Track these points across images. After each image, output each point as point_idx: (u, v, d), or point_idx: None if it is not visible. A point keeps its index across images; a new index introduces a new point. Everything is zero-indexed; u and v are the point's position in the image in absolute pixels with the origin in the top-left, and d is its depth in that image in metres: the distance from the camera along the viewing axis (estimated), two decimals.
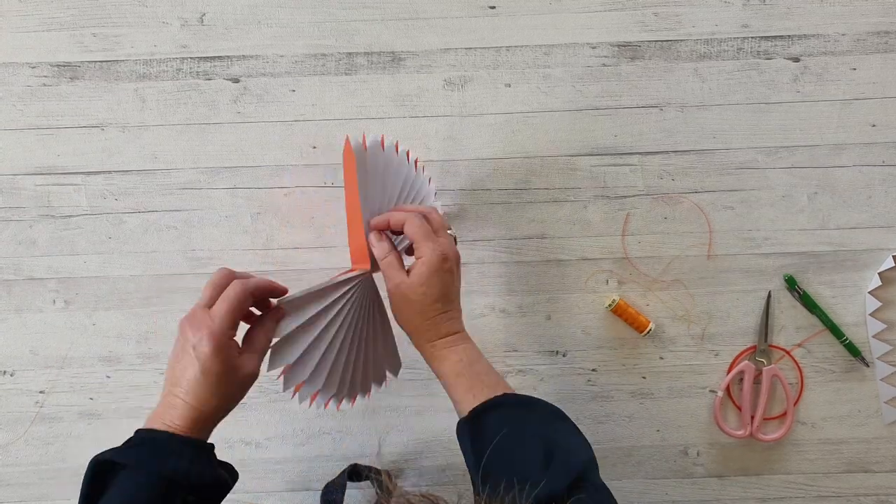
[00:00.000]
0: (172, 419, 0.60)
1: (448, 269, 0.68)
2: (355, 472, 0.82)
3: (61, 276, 0.85)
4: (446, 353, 0.69)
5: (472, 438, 0.66)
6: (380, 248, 0.69)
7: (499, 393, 0.67)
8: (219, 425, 0.63)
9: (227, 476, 0.63)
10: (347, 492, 0.81)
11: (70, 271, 0.85)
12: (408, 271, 0.68)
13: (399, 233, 0.69)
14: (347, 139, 0.65)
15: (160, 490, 0.57)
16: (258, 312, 0.66)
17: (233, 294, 0.61)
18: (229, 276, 0.63)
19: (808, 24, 0.83)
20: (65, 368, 0.86)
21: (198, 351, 0.59)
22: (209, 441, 0.63)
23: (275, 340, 0.65)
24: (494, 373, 0.71)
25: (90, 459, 0.59)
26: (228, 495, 0.89)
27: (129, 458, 0.58)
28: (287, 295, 0.66)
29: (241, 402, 0.80)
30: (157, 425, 0.60)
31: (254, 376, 0.63)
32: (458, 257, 0.70)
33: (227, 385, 0.61)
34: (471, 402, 0.66)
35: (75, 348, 0.86)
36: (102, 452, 0.59)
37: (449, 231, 0.70)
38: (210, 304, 0.61)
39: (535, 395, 0.68)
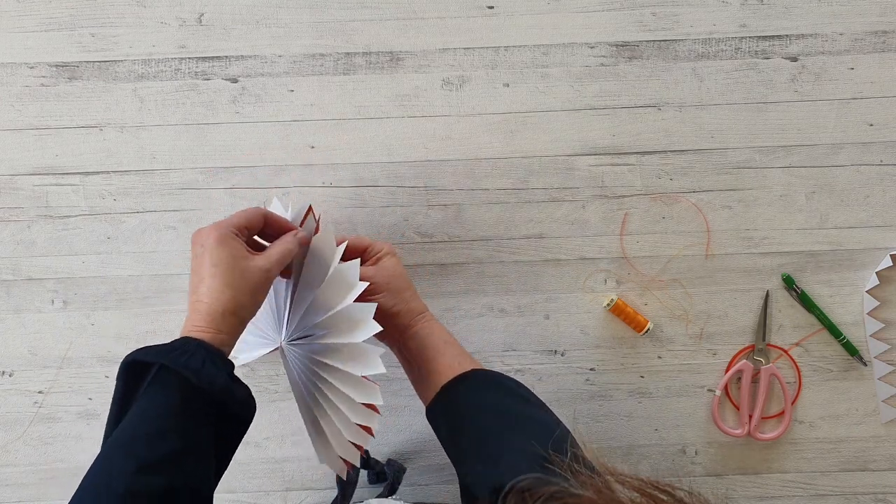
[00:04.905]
0: (193, 322, 0.61)
1: None
2: (365, 459, 0.83)
3: (60, 277, 0.85)
4: (434, 324, 0.73)
5: (470, 391, 0.67)
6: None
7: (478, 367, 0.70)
8: None
9: (242, 393, 0.61)
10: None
11: (69, 271, 0.85)
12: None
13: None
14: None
15: (184, 392, 0.57)
16: None
17: (246, 209, 0.66)
18: None
19: (805, 23, 0.83)
20: (63, 369, 0.86)
21: (205, 246, 0.62)
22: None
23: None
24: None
25: (122, 360, 0.59)
26: (228, 495, 0.89)
27: (151, 357, 0.58)
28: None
29: None
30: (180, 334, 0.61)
31: (265, 273, 0.63)
32: None
33: (238, 276, 0.62)
34: (459, 369, 0.69)
35: (74, 348, 0.86)
36: (131, 352, 0.59)
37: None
38: None
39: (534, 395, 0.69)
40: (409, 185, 0.84)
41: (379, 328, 0.66)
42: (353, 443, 0.70)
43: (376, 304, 0.67)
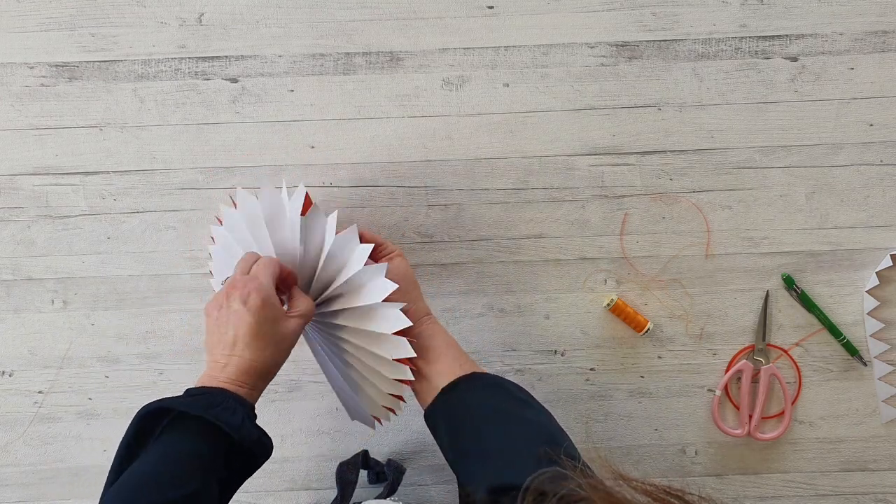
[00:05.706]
0: (227, 375, 0.61)
1: None
2: (365, 459, 0.83)
3: (60, 277, 0.85)
4: (437, 326, 0.74)
5: (470, 393, 0.68)
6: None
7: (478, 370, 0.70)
8: None
9: (267, 445, 0.63)
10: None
11: (69, 271, 0.85)
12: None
13: None
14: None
15: (210, 439, 0.58)
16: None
17: (267, 261, 0.66)
18: (257, 256, 0.68)
19: (805, 23, 0.83)
20: (63, 368, 0.86)
21: (249, 304, 0.62)
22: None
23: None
24: None
25: (144, 407, 0.58)
26: None
27: (180, 406, 0.58)
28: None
29: None
30: (208, 382, 0.61)
31: (296, 334, 0.65)
32: None
33: (278, 337, 0.63)
34: (460, 371, 0.69)
35: (74, 348, 0.86)
36: (151, 402, 0.59)
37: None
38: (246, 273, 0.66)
39: (533, 395, 0.69)
40: (409, 185, 0.84)
41: (408, 323, 0.68)
42: (385, 406, 0.74)
43: (403, 304, 0.69)
